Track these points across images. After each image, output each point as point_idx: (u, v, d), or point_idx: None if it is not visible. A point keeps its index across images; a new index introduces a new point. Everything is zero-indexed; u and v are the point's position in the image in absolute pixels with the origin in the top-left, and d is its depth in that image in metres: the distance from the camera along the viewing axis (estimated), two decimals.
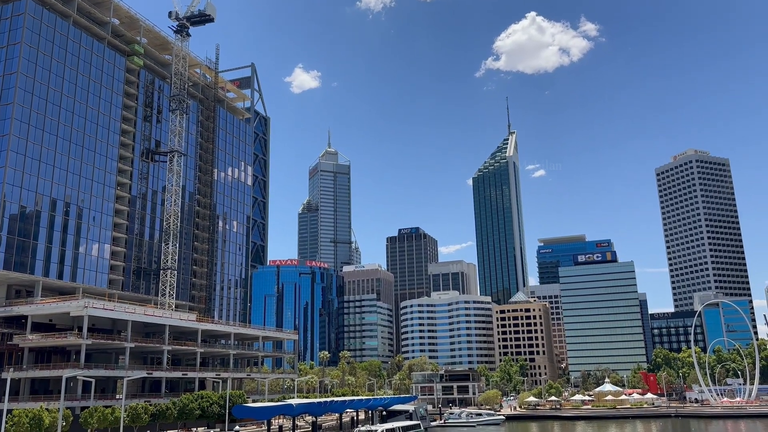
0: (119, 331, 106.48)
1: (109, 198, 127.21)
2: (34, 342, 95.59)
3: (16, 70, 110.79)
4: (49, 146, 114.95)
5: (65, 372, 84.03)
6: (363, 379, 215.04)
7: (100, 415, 74.35)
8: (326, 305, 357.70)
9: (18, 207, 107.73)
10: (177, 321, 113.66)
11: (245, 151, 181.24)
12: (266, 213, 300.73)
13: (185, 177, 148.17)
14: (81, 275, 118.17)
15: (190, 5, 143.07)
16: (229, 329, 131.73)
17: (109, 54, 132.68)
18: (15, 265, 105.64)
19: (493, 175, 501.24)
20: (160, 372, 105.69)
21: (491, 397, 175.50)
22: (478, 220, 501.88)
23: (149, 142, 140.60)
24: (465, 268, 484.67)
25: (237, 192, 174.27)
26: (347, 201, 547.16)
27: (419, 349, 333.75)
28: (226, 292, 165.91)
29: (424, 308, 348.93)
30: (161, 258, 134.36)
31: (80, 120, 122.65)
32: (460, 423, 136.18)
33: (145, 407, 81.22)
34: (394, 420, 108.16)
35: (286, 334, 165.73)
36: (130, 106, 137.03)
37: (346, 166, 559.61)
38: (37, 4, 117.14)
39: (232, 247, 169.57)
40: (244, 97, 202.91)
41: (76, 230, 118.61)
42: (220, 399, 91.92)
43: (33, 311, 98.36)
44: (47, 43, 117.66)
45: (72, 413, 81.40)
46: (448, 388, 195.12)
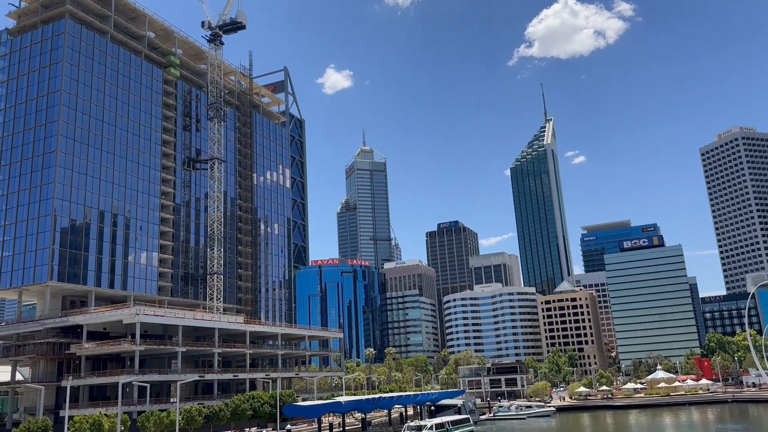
0: (170, 336, 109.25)
1: (154, 207, 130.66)
2: (90, 350, 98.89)
3: (59, 88, 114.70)
4: (95, 160, 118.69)
5: (121, 378, 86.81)
6: (410, 375, 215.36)
7: (156, 419, 76.51)
8: (369, 303, 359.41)
9: (68, 220, 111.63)
10: (225, 324, 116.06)
11: (282, 154, 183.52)
12: (306, 214, 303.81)
13: (226, 183, 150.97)
14: (131, 284, 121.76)
15: (221, 14, 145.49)
16: (276, 330, 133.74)
17: (147, 67, 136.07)
18: (68, 276, 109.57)
19: (531, 164, 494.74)
20: (211, 374, 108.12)
21: (540, 389, 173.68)
22: (518, 210, 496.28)
23: (190, 151, 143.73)
24: (507, 259, 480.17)
25: (276, 195, 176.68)
26: (385, 198, 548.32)
27: (464, 343, 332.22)
28: (270, 294, 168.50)
29: (468, 302, 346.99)
30: (207, 263, 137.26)
31: (123, 133, 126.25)
32: (510, 416, 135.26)
33: (198, 409, 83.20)
34: (442, 415, 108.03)
35: (331, 333, 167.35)
36: (170, 117, 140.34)
37: (382, 164, 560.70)
38: (75, 23, 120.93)
39: (274, 249, 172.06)
40: (278, 101, 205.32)
41: (125, 240, 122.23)
42: (271, 399, 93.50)
43: (87, 320, 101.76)
44: (87, 60, 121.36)
45: (129, 418, 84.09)
46: (496, 382, 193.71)
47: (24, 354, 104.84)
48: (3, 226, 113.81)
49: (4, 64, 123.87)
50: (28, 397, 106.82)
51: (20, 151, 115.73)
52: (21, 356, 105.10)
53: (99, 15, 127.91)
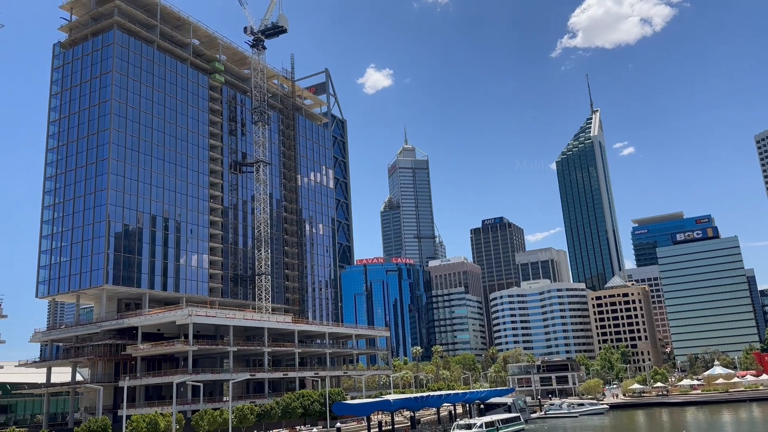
0: (222, 336, 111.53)
1: (203, 211, 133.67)
2: (145, 351, 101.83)
3: (109, 97, 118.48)
4: (145, 166, 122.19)
5: (175, 378, 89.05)
6: (457, 373, 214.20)
7: (209, 418, 78.09)
8: (415, 301, 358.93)
9: (122, 225, 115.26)
10: (274, 324, 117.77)
11: (325, 155, 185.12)
12: (350, 214, 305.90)
13: (271, 185, 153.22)
14: (183, 285, 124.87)
15: (263, 19, 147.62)
16: (324, 329, 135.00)
17: (193, 74, 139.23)
18: (123, 279, 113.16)
19: (578, 156, 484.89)
20: (262, 373, 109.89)
21: (593, 387, 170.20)
22: (566, 204, 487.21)
23: (236, 155, 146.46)
24: (555, 255, 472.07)
25: (320, 195, 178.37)
26: (428, 196, 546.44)
27: (513, 340, 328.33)
28: (317, 293, 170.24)
29: (515, 299, 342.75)
30: (255, 264, 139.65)
31: (171, 139, 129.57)
32: (561, 414, 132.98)
33: (250, 408, 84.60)
34: (492, 413, 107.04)
35: (377, 332, 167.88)
36: (216, 122, 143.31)
37: (424, 161, 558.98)
38: (123, 34, 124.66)
39: (319, 250, 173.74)
40: (320, 103, 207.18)
41: (176, 243, 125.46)
42: (321, 397, 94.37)
43: (142, 322, 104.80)
44: (135, 69, 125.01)
45: (184, 417, 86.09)
46: (546, 379, 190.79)
47: (83, 355, 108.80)
48: (60, 233, 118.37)
49: (57, 77, 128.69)
50: (88, 397, 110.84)
51: (74, 160, 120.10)
52: (80, 358, 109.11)
53: (146, 25, 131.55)
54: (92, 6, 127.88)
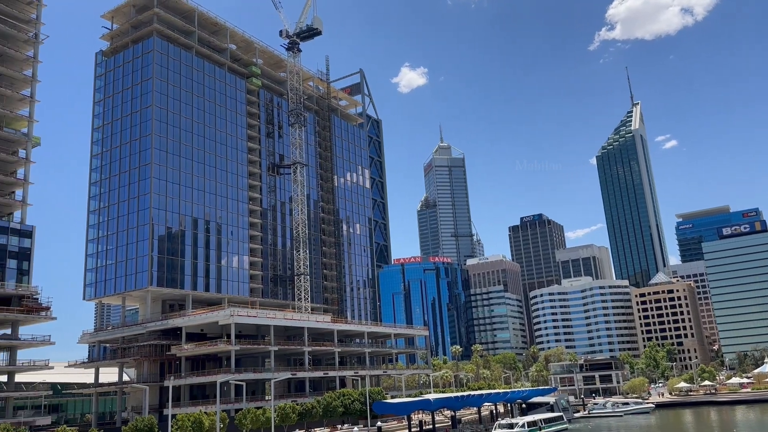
0: (263, 336, 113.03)
1: (243, 213, 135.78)
2: (189, 351, 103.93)
3: (150, 103, 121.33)
4: (186, 170, 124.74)
5: (218, 377, 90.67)
6: (498, 372, 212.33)
7: (252, 416, 79.21)
8: (453, 300, 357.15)
9: (164, 228, 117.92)
10: (314, 323, 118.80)
11: (361, 155, 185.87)
12: (386, 213, 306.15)
13: (308, 186, 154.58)
14: (225, 286, 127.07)
15: (298, 22, 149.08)
16: (362, 328, 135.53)
17: (230, 78, 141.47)
18: (167, 281, 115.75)
19: (618, 151, 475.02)
20: (303, 372, 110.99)
21: (637, 385, 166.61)
22: (607, 200, 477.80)
23: (274, 157, 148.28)
24: (596, 252, 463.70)
25: (357, 195, 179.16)
26: (464, 194, 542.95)
27: (554, 339, 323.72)
28: (355, 293, 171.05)
29: (556, 297, 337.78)
30: (294, 264, 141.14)
31: (211, 143, 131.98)
32: (606, 413, 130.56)
33: (292, 407, 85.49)
34: (534, 412, 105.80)
35: (416, 331, 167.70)
36: (254, 125, 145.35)
37: (461, 159, 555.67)
38: (163, 41, 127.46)
39: (357, 249, 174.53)
40: (355, 104, 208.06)
41: (217, 245, 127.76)
42: (361, 396, 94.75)
43: (186, 323, 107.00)
44: (175, 75, 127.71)
45: (228, 415, 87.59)
46: (590, 378, 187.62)
47: (129, 356, 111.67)
48: (106, 236, 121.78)
49: (100, 84, 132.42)
50: (134, 396, 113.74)
51: (118, 165, 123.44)
52: (127, 358, 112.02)
53: (184, 31, 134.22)
54: (132, 14, 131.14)
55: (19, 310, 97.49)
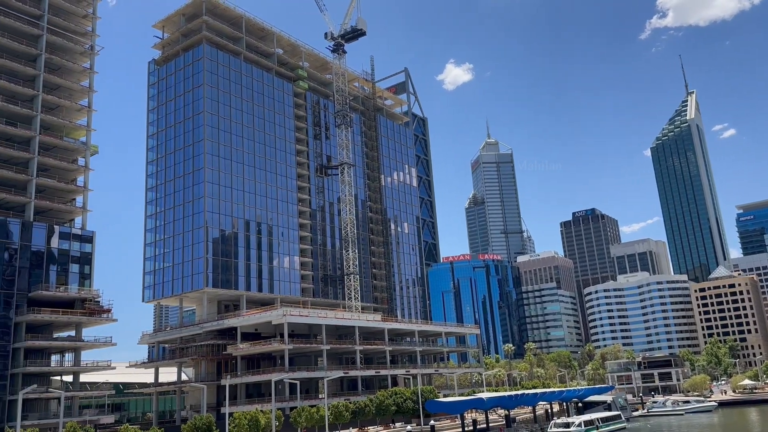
0: (315, 335, 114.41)
1: (293, 214, 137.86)
2: (244, 350, 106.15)
3: (202, 109, 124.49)
4: (237, 173, 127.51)
5: (273, 376, 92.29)
6: (552, 371, 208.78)
7: (307, 415, 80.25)
8: (504, 297, 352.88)
9: (218, 231, 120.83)
10: (365, 322, 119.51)
11: (407, 153, 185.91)
12: (434, 211, 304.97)
13: (356, 186, 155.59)
14: (277, 286, 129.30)
15: (342, 23, 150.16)
16: (413, 327, 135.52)
17: (278, 82, 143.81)
18: (222, 282, 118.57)
19: (674, 141, 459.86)
20: (355, 371, 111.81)
21: (699, 383, 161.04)
22: (663, 192, 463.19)
23: (321, 158, 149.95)
24: (653, 246, 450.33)
25: (404, 194, 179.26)
26: (513, 190, 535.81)
27: (611, 336, 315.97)
28: (405, 292, 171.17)
29: (611, 293, 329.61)
30: (344, 264, 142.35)
31: (260, 146, 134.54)
32: (666, 412, 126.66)
33: (345, 405, 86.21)
34: (591, 411, 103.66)
35: (467, 329, 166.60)
36: (301, 128, 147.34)
37: (509, 155, 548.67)
38: (212, 48, 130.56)
39: (405, 248, 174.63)
40: (401, 102, 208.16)
41: (269, 246, 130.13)
42: (413, 395, 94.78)
43: (241, 323, 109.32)
44: (224, 81, 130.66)
45: (283, 413, 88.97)
46: (648, 376, 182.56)
47: (187, 356, 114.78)
48: (163, 240, 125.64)
49: (154, 93, 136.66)
50: (192, 395, 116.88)
51: (173, 171, 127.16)
52: (185, 358, 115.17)
53: (232, 38, 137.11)
54: (182, 23, 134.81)
55: (82, 312, 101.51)
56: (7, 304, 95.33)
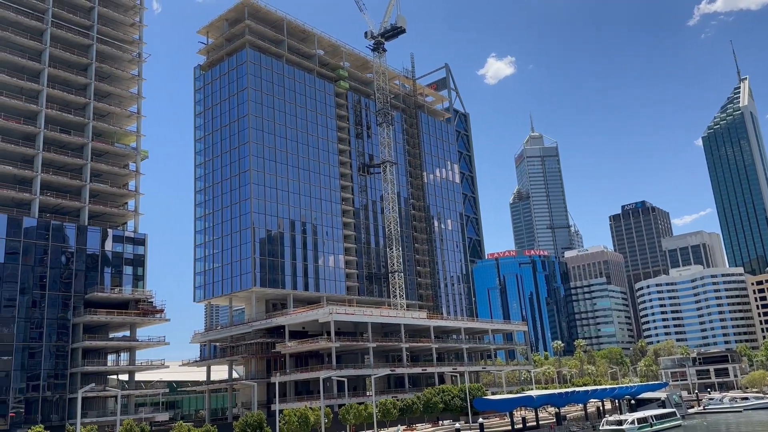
0: (361, 333, 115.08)
1: (336, 213, 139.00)
2: (292, 348, 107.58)
3: (246, 113, 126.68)
4: (282, 174, 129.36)
5: (321, 374, 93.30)
6: (603, 368, 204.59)
7: (355, 412, 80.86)
8: (552, 294, 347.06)
9: (265, 231, 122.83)
10: (410, 320, 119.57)
11: (449, 150, 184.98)
12: (477, 207, 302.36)
13: (398, 184, 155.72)
14: (323, 285, 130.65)
15: (382, 22, 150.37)
16: (459, 324, 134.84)
17: (319, 83, 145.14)
18: (269, 282, 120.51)
19: (726, 130, 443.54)
20: (401, 368, 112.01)
21: (758, 379, 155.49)
22: (716, 183, 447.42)
23: (363, 157, 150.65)
24: (706, 238, 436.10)
25: (447, 191, 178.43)
26: (559, 184, 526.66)
27: (663, 332, 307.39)
28: (449, 289, 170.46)
29: (664, 287, 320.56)
30: (388, 262, 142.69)
31: (304, 147, 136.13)
32: (723, 409, 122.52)
33: (393, 402, 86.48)
34: (644, 408, 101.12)
35: (514, 326, 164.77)
36: (343, 127, 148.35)
37: (554, 148, 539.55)
38: (255, 51, 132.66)
39: (449, 245, 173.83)
40: (442, 99, 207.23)
41: (314, 245, 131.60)
42: (461, 392, 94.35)
43: (288, 321, 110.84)
44: (268, 84, 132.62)
45: (331, 411, 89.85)
46: (704, 372, 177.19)
47: (237, 354, 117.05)
48: (212, 241, 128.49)
49: (200, 97, 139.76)
50: (243, 393, 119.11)
51: (220, 173, 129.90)
52: (235, 356, 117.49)
53: (274, 41, 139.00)
54: (225, 28, 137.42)
55: (136, 313, 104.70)
56: (65, 305, 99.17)
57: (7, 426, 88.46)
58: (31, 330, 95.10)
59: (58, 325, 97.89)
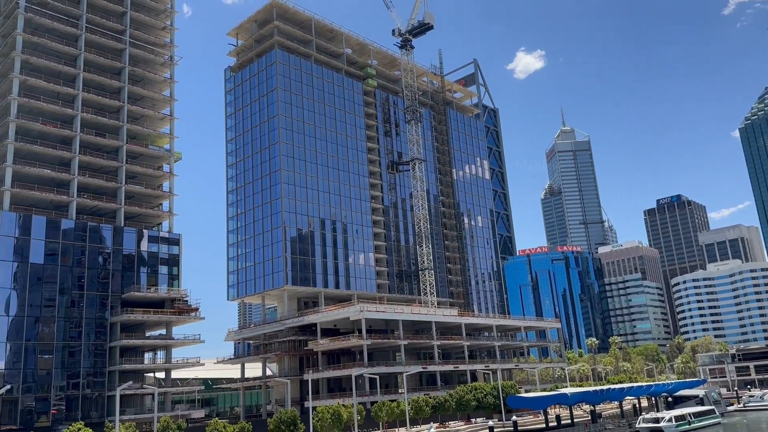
0: (392, 330, 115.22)
1: (366, 211, 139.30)
2: (324, 346, 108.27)
3: (276, 113, 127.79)
4: (312, 173, 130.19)
5: (353, 371, 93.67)
6: (639, 365, 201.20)
7: (387, 409, 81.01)
8: (585, 290, 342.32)
9: (295, 230, 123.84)
10: (441, 317, 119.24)
11: (479, 146, 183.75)
12: (508, 204, 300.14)
13: (428, 181, 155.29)
14: (353, 283, 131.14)
15: (409, 19, 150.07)
16: (490, 321, 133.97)
17: (347, 81, 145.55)
18: (300, 280, 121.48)
19: (764, 120, 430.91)
20: (433, 366, 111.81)
21: None
22: (754, 175, 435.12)
23: (392, 155, 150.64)
24: (745, 232, 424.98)
25: (477, 188, 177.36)
26: (592, 178, 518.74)
27: (701, 328, 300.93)
28: (481, 286, 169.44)
29: (701, 282, 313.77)
30: (418, 260, 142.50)
31: (333, 146, 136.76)
32: (764, 406, 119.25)
33: (425, 400, 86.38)
34: (682, 406, 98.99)
35: (547, 323, 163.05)
36: (371, 125, 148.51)
37: (586, 142, 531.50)
38: (284, 52, 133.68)
39: (480, 242, 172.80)
40: (470, 95, 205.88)
41: (344, 244, 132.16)
42: (493, 390, 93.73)
43: (320, 319, 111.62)
44: (297, 84, 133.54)
45: (364, 408, 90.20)
46: (743, 369, 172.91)
47: (270, 351, 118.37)
48: (244, 240, 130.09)
49: (230, 99, 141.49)
50: (277, 390, 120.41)
51: (251, 173, 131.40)
52: (268, 354, 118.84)
53: (302, 41, 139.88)
54: (254, 29, 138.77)
55: (172, 312, 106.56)
56: (103, 305, 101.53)
57: (50, 423, 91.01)
58: (71, 329, 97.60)
59: (97, 325, 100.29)
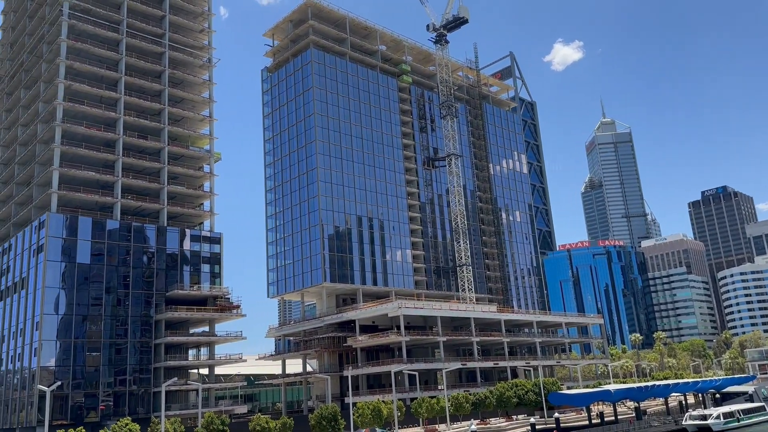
0: (430, 327, 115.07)
1: (402, 208, 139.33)
2: (363, 342, 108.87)
3: (312, 112, 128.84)
4: (348, 171, 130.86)
5: (392, 367, 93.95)
6: (685, 361, 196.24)
7: (427, 405, 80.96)
8: (628, 285, 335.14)
9: (333, 228, 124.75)
10: (480, 313, 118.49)
11: (516, 140, 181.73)
12: (547, 198, 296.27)
13: (464, 176, 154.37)
14: (391, 280, 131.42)
15: (444, 13, 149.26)
16: (530, 317, 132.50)
17: (382, 78, 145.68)
18: (338, 277, 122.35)
19: None
20: (473, 363, 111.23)
21: None
22: None
23: (428, 151, 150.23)
24: None
25: (514, 182, 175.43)
26: (634, 170, 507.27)
27: (749, 322, 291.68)
28: (520, 282, 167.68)
29: (749, 276, 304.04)
30: (455, 256, 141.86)
31: (368, 143, 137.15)
32: None
33: (465, 396, 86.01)
34: (730, 403, 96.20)
35: (589, 319, 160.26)
36: (407, 122, 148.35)
37: (627, 134, 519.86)
38: (319, 51, 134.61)
39: (518, 237, 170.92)
40: (507, 88, 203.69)
41: (381, 241, 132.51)
42: (534, 387, 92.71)
43: (358, 316, 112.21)
44: (332, 83, 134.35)
45: (403, 404, 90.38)
46: None
47: (310, 348, 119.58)
48: (283, 238, 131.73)
49: (268, 99, 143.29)
50: (317, 386, 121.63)
51: (289, 172, 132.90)
52: (308, 350, 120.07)
53: (337, 39, 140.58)
54: (290, 29, 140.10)
55: (215, 309, 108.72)
56: (148, 303, 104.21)
57: (98, 418, 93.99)
58: (117, 327, 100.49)
59: (142, 322, 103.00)
